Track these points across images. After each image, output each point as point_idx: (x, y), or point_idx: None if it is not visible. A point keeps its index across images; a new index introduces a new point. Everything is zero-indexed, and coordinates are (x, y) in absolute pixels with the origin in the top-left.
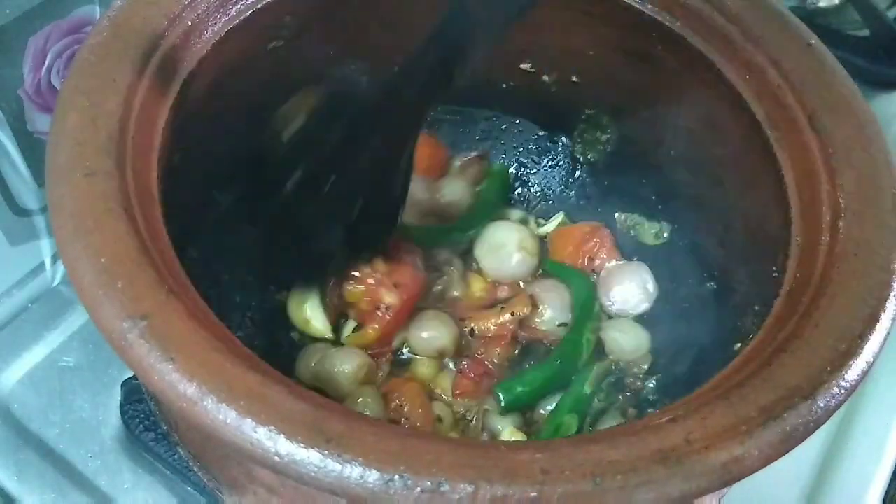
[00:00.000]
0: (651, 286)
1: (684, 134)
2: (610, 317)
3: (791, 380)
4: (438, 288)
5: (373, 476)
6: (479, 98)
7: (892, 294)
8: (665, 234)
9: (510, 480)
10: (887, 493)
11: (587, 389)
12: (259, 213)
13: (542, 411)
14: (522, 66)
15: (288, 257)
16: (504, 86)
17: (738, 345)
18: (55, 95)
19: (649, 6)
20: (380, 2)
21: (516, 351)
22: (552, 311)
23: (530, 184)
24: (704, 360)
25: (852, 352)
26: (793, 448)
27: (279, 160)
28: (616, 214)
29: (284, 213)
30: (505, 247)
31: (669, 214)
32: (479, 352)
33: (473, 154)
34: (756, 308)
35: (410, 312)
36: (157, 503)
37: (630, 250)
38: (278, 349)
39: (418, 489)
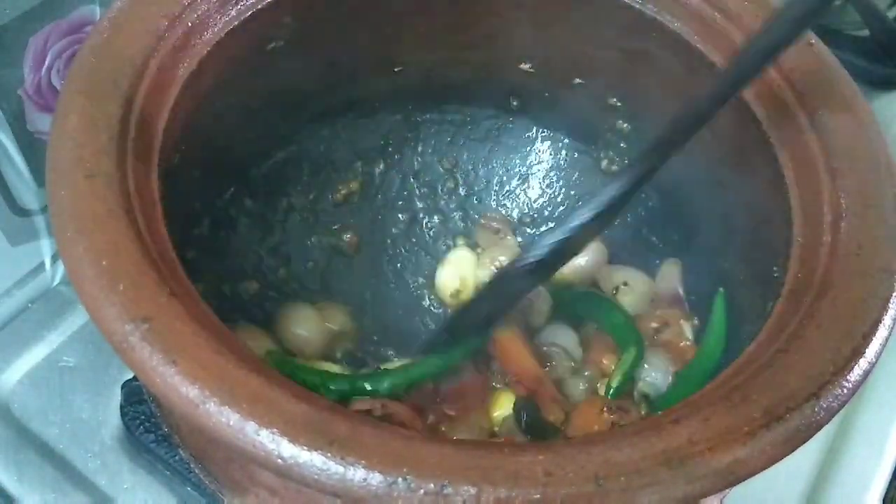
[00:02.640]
0: None
1: None
2: None
3: (794, 380)
4: None
5: (376, 478)
6: (479, 98)
7: (894, 294)
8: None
9: (513, 483)
10: (887, 493)
11: None
12: None
13: None
14: (522, 66)
15: None
16: (504, 86)
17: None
18: (55, 95)
19: (649, 6)
20: (378, 4)
21: None
22: None
23: (532, 185)
24: None
25: (855, 352)
26: (796, 449)
27: None
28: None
29: None
30: None
31: (668, 216)
32: None
33: None
34: (757, 309)
35: None
36: (156, 503)
37: (629, 252)
38: None
39: (421, 491)
